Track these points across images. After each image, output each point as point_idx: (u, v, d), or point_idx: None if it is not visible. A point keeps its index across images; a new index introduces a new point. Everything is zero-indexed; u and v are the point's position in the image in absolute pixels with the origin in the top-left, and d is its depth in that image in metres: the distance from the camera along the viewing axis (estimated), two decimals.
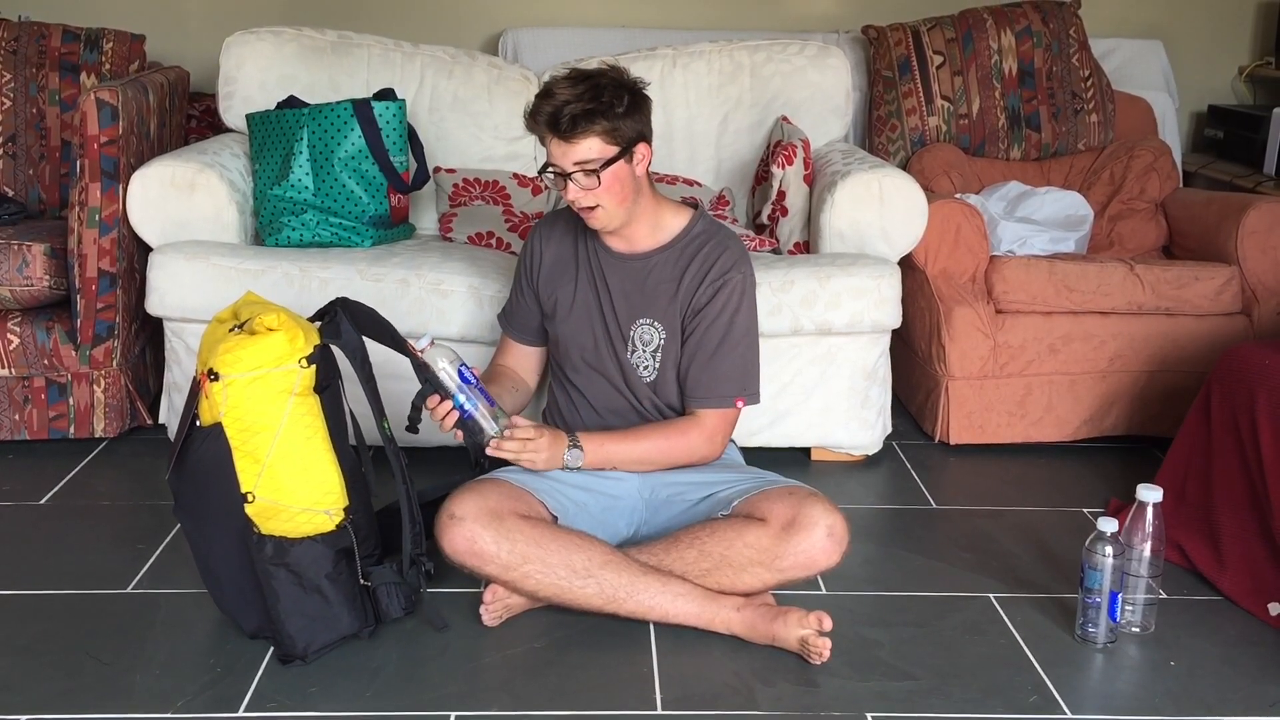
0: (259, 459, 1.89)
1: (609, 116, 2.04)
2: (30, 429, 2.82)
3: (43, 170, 3.28)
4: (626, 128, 2.07)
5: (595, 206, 2.10)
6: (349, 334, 1.99)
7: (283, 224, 2.80)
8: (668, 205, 2.24)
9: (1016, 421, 2.94)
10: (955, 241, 2.91)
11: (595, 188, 2.07)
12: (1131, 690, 1.97)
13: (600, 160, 2.05)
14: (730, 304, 2.17)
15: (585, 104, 2.02)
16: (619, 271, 2.21)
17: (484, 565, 2.02)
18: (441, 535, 2.02)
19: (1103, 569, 2.02)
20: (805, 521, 2.02)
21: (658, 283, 2.19)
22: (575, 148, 2.05)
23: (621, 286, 2.21)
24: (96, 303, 2.75)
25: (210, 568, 2.02)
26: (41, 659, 1.97)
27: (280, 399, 1.89)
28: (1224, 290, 2.93)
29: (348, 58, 3.14)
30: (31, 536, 2.42)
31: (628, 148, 2.08)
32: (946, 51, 3.49)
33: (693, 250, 2.19)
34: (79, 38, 3.31)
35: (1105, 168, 3.46)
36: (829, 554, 2.04)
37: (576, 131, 2.03)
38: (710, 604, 2.04)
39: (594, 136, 2.04)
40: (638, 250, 2.21)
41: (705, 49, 3.28)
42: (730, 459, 2.35)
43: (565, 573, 2.02)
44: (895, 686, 1.95)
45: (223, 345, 1.89)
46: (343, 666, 1.96)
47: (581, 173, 2.06)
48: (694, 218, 2.23)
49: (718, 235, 2.21)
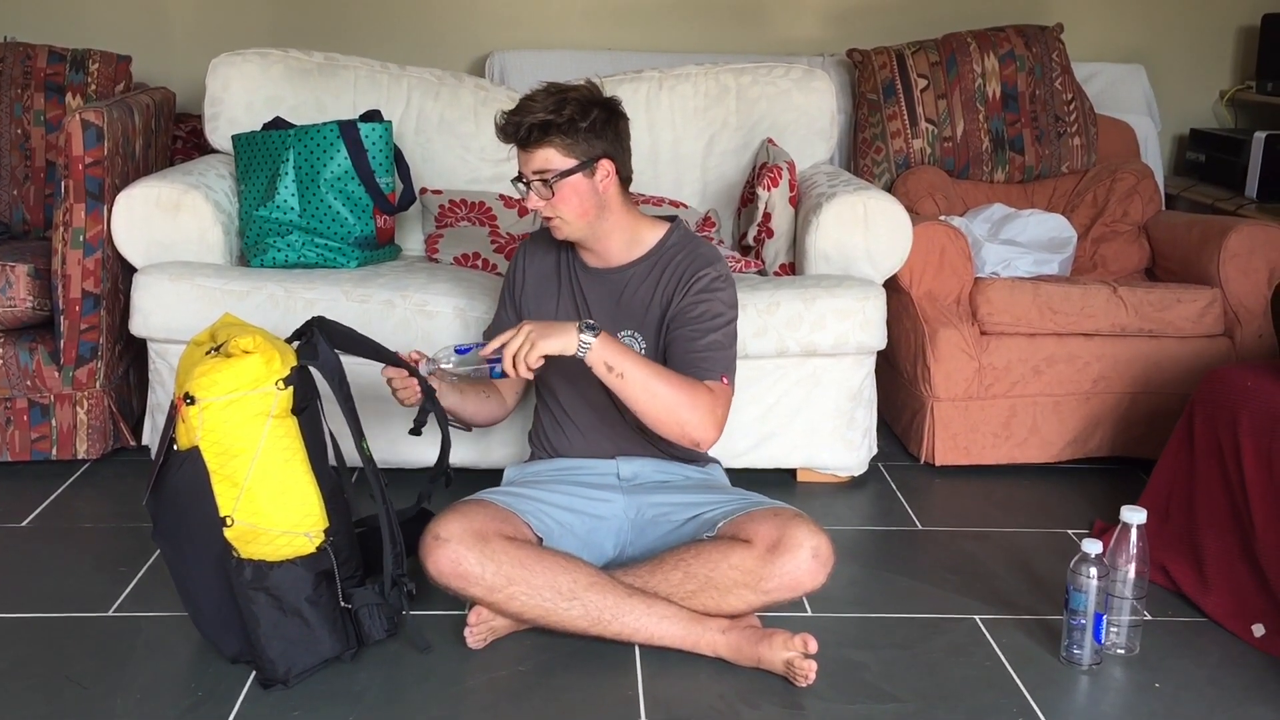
0: (237, 482, 1.88)
1: (567, 131, 2.08)
2: (12, 450, 2.80)
3: (27, 191, 3.27)
4: (587, 143, 2.11)
5: (554, 217, 2.14)
6: (326, 354, 1.98)
7: (268, 245, 2.80)
8: (645, 221, 2.26)
9: (1001, 443, 2.95)
10: (940, 263, 2.92)
11: (550, 198, 2.12)
12: (1116, 712, 1.97)
13: (555, 171, 2.10)
14: (712, 298, 2.17)
15: (545, 115, 2.07)
16: (597, 286, 2.24)
17: (469, 587, 2.01)
18: (426, 557, 2.01)
19: (1087, 591, 2.02)
20: (790, 543, 2.02)
21: (634, 294, 2.22)
22: (532, 157, 2.11)
23: (600, 300, 2.23)
24: (80, 324, 2.74)
25: (190, 593, 2.01)
26: (21, 683, 1.95)
27: (258, 421, 1.88)
28: (1206, 312, 2.94)
29: (334, 79, 3.15)
30: (12, 559, 2.40)
31: (588, 162, 2.11)
32: (930, 75, 3.51)
33: (666, 259, 2.21)
34: (65, 58, 3.31)
35: (1088, 190, 3.48)
36: (814, 576, 2.03)
37: (531, 140, 2.09)
38: (696, 626, 2.04)
39: (550, 148, 2.09)
40: (613, 264, 2.23)
41: (691, 72, 3.30)
42: (716, 480, 2.35)
43: (550, 595, 2.01)
44: (880, 709, 1.94)
45: (199, 369, 1.88)
46: (325, 691, 1.95)
47: (538, 181, 2.11)
48: (669, 230, 2.25)
49: (691, 244, 2.24)
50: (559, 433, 2.30)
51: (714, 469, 2.38)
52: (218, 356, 1.90)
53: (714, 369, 2.13)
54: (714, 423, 2.09)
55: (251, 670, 1.98)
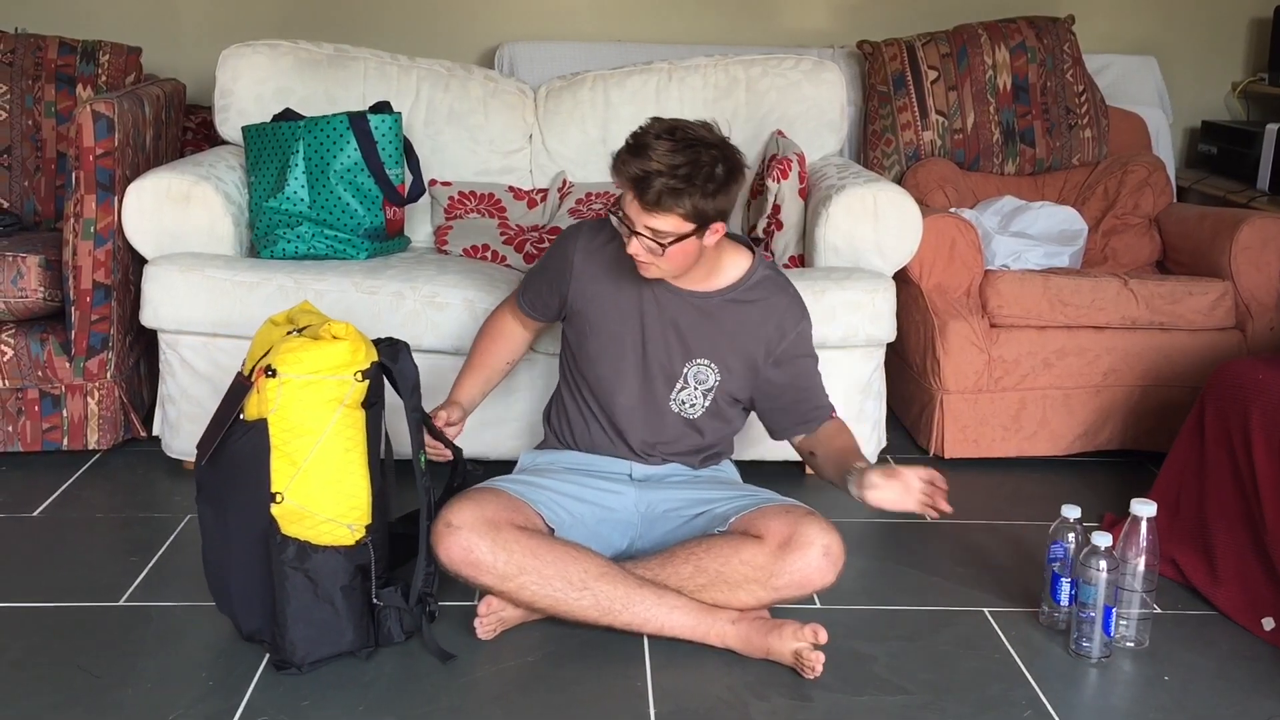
0: (296, 461, 1.91)
1: (696, 196, 1.95)
2: (24, 441, 2.81)
3: (38, 182, 3.28)
4: (710, 207, 1.98)
5: (651, 264, 2.06)
6: (407, 362, 2.02)
7: (278, 236, 2.81)
8: (727, 247, 2.19)
9: (1011, 436, 2.94)
10: (950, 256, 2.91)
11: (659, 256, 2.02)
12: (1126, 705, 1.96)
13: (673, 235, 1.99)
14: (806, 345, 2.25)
15: (678, 181, 1.93)
16: (678, 306, 2.18)
17: (480, 575, 2.02)
18: (438, 544, 2.02)
19: (1097, 584, 2.02)
20: (802, 540, 2.02)
21: (720, 325, 2.18)
22: (652, 218, 1.97)
23: (681, 321, 2.18)
24: (91, 315, 2.75)
25: (219, 564, 2.02)
26: (32, 672, 1.96)
27: (330, 406, 1.91)
28: (1218, 305, 2.93)
29: (344, 71, 3.15)
30: (24, 549, 2.41)
31: (704, 225, 2.01)
32: (941, 67, 3.50)
33: (756, 297, 2.19)
34: (75, 50, 3.32)
35: (1099, 183, 3.47)
36: (824, 573, 2.04)
37: (660, 206, 1.95)
38: (706, 617, 2.04)
39: (675, 214, 1.96)
40: (696, 288, 2.18)
41: (701, 63, 3.29)
42: (727, 476, 2.35)
43: (561, 584, 2.02)
44: (889, 701, 1.94)
45: (286, 344, 1.92)
46: (335, 680, 1.95)
47: (650, 238, 2.00)
48: (754, 263, 2.22)
49: (778, 281, 2.24)
50: (585, 429, 2.27)
51: (725, 464, 2.38)
52: (304, 337, 1.93)
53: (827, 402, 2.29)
54: None
55: (262, 659, 1.99)
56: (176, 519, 2.54)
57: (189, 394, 2.70)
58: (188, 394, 2.71)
